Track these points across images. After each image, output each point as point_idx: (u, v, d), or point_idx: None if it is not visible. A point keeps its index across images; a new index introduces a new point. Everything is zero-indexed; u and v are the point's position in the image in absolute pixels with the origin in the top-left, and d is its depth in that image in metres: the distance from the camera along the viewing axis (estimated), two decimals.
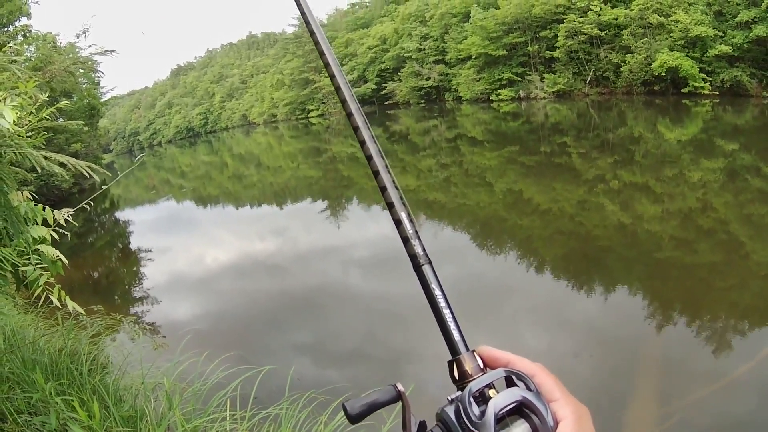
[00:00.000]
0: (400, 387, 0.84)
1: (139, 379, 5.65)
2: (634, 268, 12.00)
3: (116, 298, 16.46)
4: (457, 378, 0.79)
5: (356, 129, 0.96)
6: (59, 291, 3.73)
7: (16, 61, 4.12)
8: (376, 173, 0.93)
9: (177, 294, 15.69)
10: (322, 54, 0.96)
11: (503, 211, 18.79)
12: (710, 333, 8.62)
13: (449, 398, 0.78)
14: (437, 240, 16.34)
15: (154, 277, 18.02)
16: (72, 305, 3.82)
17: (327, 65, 0.99)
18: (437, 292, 0.79)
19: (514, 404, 0.76)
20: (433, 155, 33.82)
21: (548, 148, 30.11)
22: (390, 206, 0.95)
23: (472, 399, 0.75)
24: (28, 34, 24.17)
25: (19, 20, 28.28)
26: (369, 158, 0.94)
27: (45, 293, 3.68)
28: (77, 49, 27.17)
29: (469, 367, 0.78)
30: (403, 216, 0.95)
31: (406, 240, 0.92)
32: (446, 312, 0.79)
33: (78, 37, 32.97)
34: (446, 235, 17.29)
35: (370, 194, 26.90)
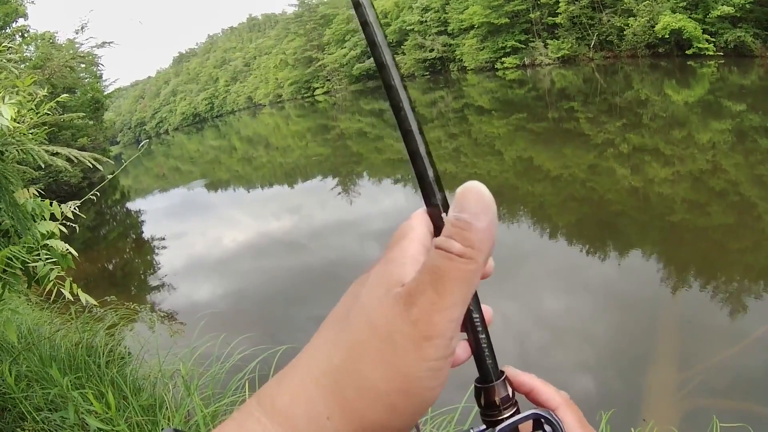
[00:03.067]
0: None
1: (157, 367, 5.68)
2: (648, 231, 11.96)
3: (132, 288, 16.54)
4: (483, 405, 0.72)
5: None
6: (71, 284, 3.74)
7: (12, 60, 4.12)
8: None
9: (193, 278, 15.76)
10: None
11: (514, 179, 18.74)
12: (727, 295, 8.59)
13: (471, 429, 0.71)
14: None
15: (169, 264, 18.09)
16: (84, 297, 3.83)
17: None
18: (475, 314, 0.75)
19: None
20: (441, 126, 33.69)
21: (556, 114, 29.96)
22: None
23: None
24: (26, 35, 24.19)
25: (16, 21, 28.27)
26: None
27: (57, 288, 3.70)
28: (77, 45, 27.19)
29: (498, 397, 0.71)
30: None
31: None
32: (482, 336, 0.70)
33: (77, 33, 32.98)
34: None
35: (381, 169, 26.91)
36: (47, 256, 3.55)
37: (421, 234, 0.57)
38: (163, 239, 21.72)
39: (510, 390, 0.71)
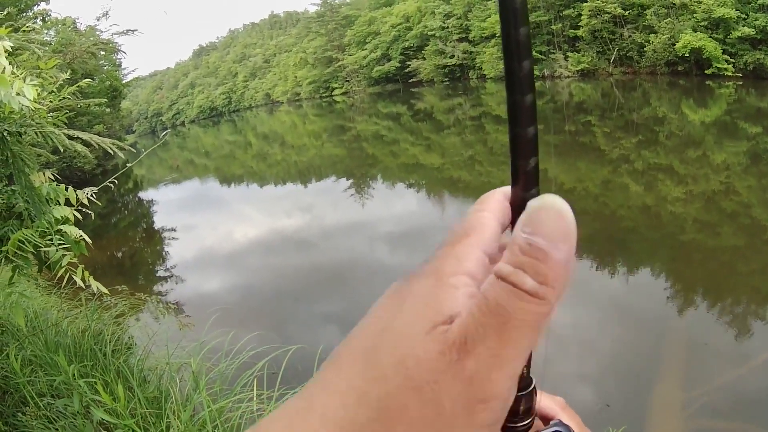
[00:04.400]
0: None
1: (164, 359, 5.64)
2: (658, 249, 11.95)
3: (141, 277, 16.56)
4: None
5: None
6: (82, 271, 3.71)
7: (35, 41, 4.09)
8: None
9: (202, 272, 15.79)
10: None
11: None
12: (733, 317, 8.55)
13: None
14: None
15: (179, 255, 18.10)
16: (96, 285, 3.80)
17: None
18: None
19: None
20: (457, 133, 33.72)
21: (573, 127, 29.91)
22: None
23: None
24: (47, 18, 24.22)
25: (38, 5, 28.32)
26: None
27: (68, 274, 3.66)
28: (98, 32, 27.27)
29: (523, 407, 0.61)
30: None
31: None
32: None
33: (98, 20, 33.14)
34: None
35: (395, 172, 26.94)
36: (60, 242, 3.51)
37: (489, 236, 0.46)
38: (174, 230, 21.74)
39: (534, 400, 0.61)
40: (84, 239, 3.73)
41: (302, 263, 14.95)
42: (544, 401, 0.67)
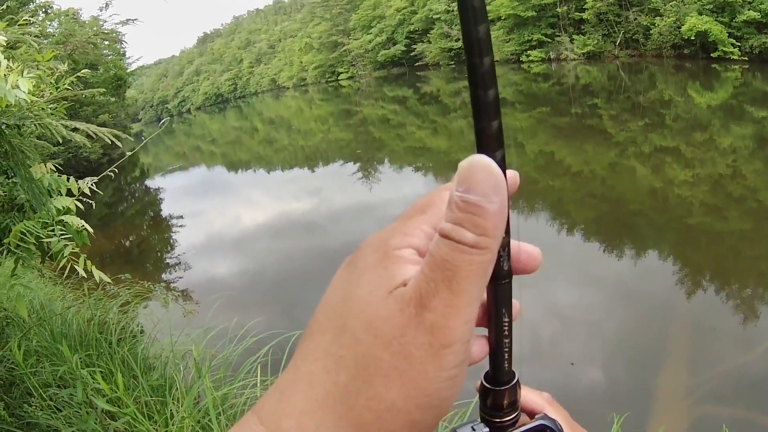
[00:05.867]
0: None
1: (169, 347, 5.67)
2: (665, 233, 11.90)
3: (148, 265, 16.62)
4: (488, 405, 0.65)
5: None
6: (85, 261, 3.73)
7: (33, 34, 4.09)
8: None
9: (210, 257, 15.86)
10: None
11: (534, 173, 18.64)
12: (740, 302, 8.52)
13: (473, 428, 0.65)
14: None
15: (187, 242, 18.15)
16: (98, 274, 3.82)
17: None
18: (505, 318, 0.66)
19: None
20: (464, 116, 33.60)
21: (579, 109, 29.83)
22: None
23: None
24: (49, 11, 24.17)
25: None
26: None
27: (70, 264, 3.68)
28: (100, 22, 27.25)
29: (508, 401, 0.64)
30: None
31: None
32: (506, 338, 0.66)
33: (101, 11, 33.00)
34: None
35: (402, 156, 26.96)
36: (62, 232, 3.53)
37: (440, 214, 0.49)
38: (181, 217, 21.80)
39: (519, 393, 0.64)
40: (86, 229, 3.74)
41: (311, 246, 15.02)
42: (530, 396, 0.69)
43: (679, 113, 24.37)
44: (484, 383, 0.63)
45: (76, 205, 3.78)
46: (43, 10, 22.66)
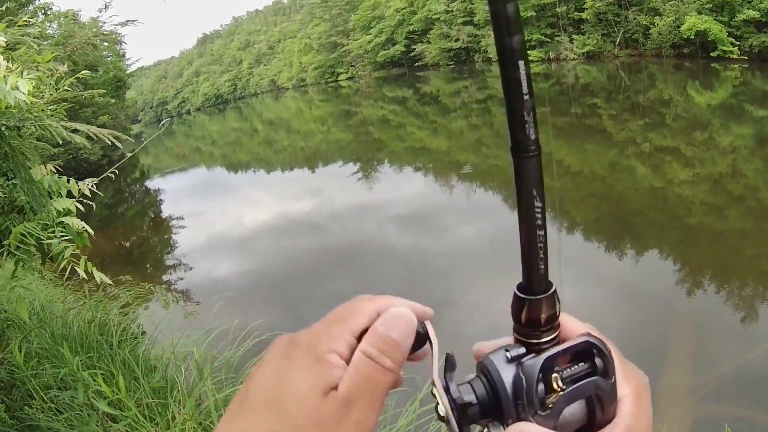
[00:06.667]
0: (428, 327, 0.65)
1: (170, 348, 5.66)
2: (665, 232, 11.92)
3: (149, 266, 16.62)
4: (522, 322, 0.62)
5: None
6: (85, 262, 3.71)
7: (32, 35, 4.08)
8: None
9: (211, 258, 15.87)
10: None
11: None
12: (741, 301, 8.51)
13: (506, 350, 0.61)
14: (470, 200, 16.40)
15: (186, 243, 18.17)
16: (99, 276, 3.81)
17: None
18: (537, 204, 0.63)
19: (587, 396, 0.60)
20: (464, 116, 33.67)
21: (579, 109, 29.84)
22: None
23: (541, 375, 0.58)
24: (48, 12, 24.15)
25: None
26: None
27: (71, 266, 3.67)
28: (100, 23, 27.25)
29: (545, 315, 0.61)
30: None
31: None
32: (540, 232, 0.64)
33: (100, 12, 33.09)
34: (479, 195, 17.44)
35: (402, 156, 26.97)
36: (62, 234, 3.52)
37: (361, 323, 0.63)
38: (182, 218, 21.80)
39: (558, 307, 0.63)
40: (86, 230, 3.73)
41: (312, 246, 15.06)
42: (571, 322, 0.68)
43: (678, 113, 24.38)
44: (518, 293, 0.62)
45: (76, 207, 3.76)
46: (43, 11, 22.65)
